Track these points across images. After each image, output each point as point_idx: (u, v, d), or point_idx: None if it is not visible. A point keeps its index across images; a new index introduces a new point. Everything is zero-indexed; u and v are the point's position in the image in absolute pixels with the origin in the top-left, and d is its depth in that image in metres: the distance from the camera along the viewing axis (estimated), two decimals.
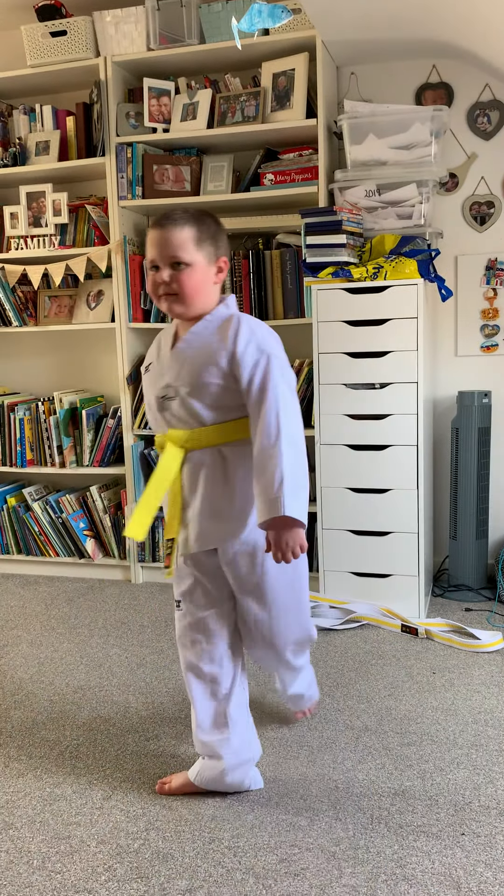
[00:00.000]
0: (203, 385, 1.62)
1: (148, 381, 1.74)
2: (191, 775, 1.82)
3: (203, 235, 1.64)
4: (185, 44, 3.02)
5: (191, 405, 1.64)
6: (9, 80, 3.30)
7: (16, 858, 1.63)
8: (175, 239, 1.61)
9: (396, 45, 2.94)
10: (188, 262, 1.62)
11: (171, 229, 1.62)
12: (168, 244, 1.61)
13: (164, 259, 1.62)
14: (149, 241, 1.66)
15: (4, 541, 3.55)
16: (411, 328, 2.70)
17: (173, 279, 1.62)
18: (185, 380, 1.64)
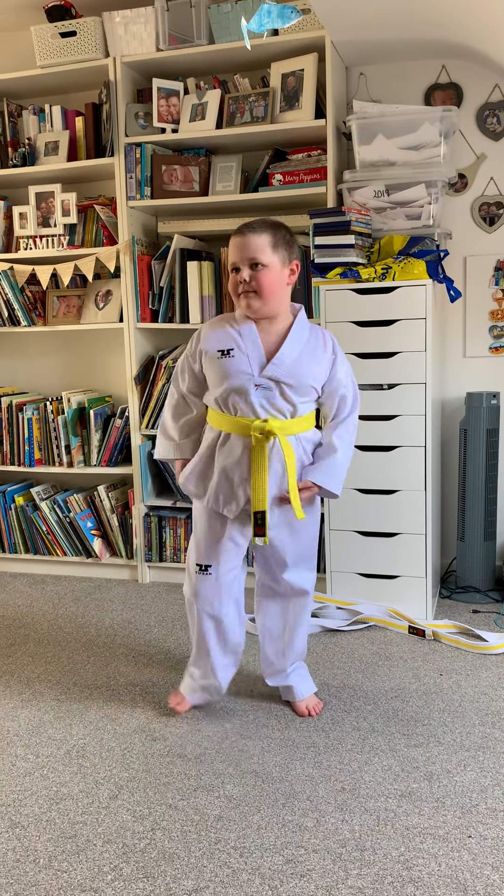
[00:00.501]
0: (306, 384, 1.94)
1: (231, 365, 1.92)
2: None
3: (278, 241, 1.91)
4: (195, 44, 3.02)
5: (291, 398, 1.92)
6: (18, 80, 3.31)
7: (22, 857, 1.63)
8: (254, 243, 1.88)
9: (406, 46, 2.93)
10: (265, 263, 1.88)
11: (250, 235, 1.89)
12: (248, 247, 1.88)
13: (245, 260, 1.88)
14: (231, 247, 1.91)
15: (12, 540, 3.56)
16: (420, 329, 2.70)
17: (252, 278, 1.88)
18: (290, 376, 1.91)
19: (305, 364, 1.93)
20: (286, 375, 1.91)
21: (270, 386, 1.90)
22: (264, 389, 1.90)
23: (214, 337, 1.96)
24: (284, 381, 1.91)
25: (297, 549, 2.09)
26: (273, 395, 1.91)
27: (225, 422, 1.96)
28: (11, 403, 3.48)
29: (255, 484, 1.92)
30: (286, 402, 1.93)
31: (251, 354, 1.91)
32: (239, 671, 2.46)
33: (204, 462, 2.02)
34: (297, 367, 1.92)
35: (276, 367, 1.90)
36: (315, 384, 1.96)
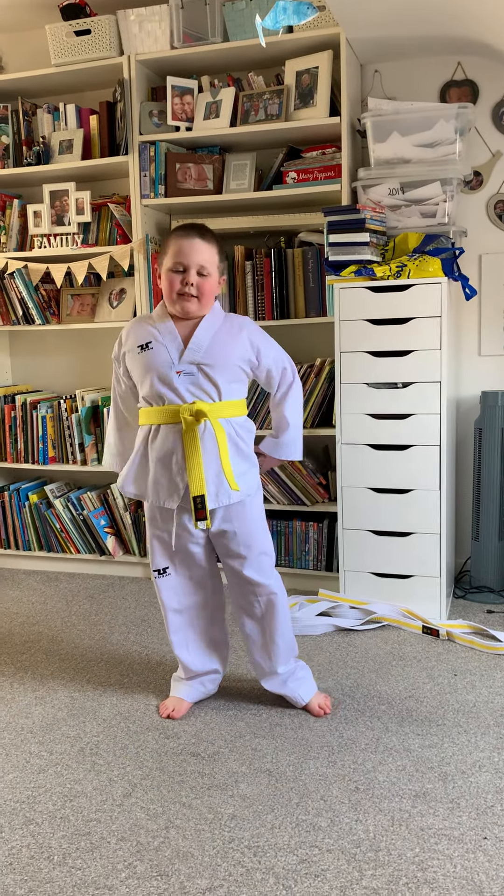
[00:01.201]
0: (227, 364, 2.00)
1: (152, 357, 2.00)
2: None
3: (222, 254, 2.04)
4: (209, 42, 3.02)
5: (214, 379, 1.98)
6: (33, 79, 3.31)
7: (37, 854, 1.64)
8: (206, 251, 1.97)
9: (421, 43, 2.92)
10: (211, 272, 1.98)
11: (202, 242, 1.96)
12: (200, 253, 1.96)
13: (194, 265, 1.95)
14: (178, 246, 1.96)
15: (26, 537, 3.58)
16: (435, 327, 2.68)
17: (197, 284, 1.96)
18: (209, 357, 1.98)
19: (222, 344, 2.01)
20: (205, 357, 1.98)
21: (192, 371, 1.98)
22: (187, 375, 1.98)
23: (133, 336, 2.06)
24: (204, 363, 1.98)
25: (246, 538, 2.08)
26: (197, 379, 1.98)
27: (154, 414, 2.02)
28: (26, 402, 3.49)
29: (191, 468, 1.96)
30: (210, 385, 1.99)
31: (169, 345, 1.99)
32: (251, 669, 2.46)
33: (139, 460, 2.07)
34: (213, 348, 2.00)
35: (194, 351, 1.98)
36: (240, 363, 2.03)
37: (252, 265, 3.10)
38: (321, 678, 2.40)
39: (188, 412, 1.95)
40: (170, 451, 2.00)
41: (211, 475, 1.99)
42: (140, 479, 2.07)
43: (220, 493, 2.01)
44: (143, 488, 2.07)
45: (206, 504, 1.98)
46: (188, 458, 1.96)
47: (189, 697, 2.24)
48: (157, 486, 2.03)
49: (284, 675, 2.20)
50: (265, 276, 3.09)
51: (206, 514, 1.98)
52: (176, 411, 1.97)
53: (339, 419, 2.85)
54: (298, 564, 3.18)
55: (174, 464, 2.00)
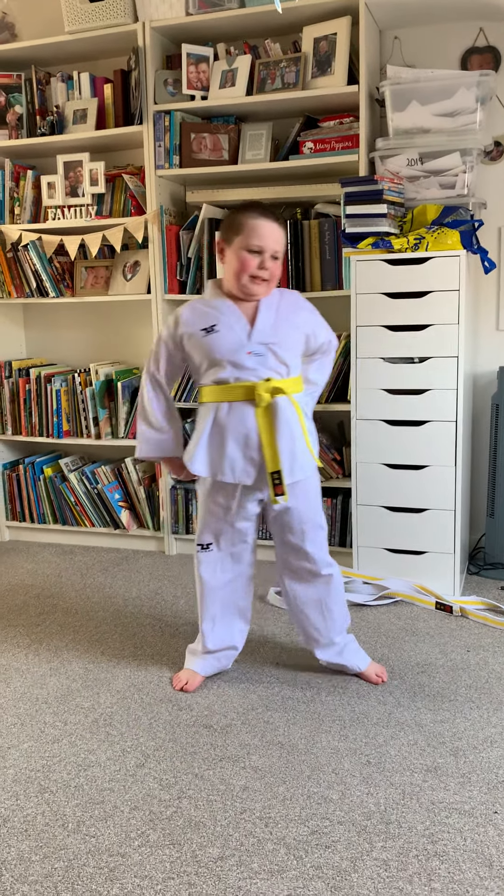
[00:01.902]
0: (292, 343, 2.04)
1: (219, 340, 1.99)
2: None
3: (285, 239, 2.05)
4: (225, 8, 2.96)
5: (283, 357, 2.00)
6: (46, 47, 3.27)
7: (51, 821, 1.66)
8: (279, 235, 1.98)
9: (442, 8, 2.84)
10: (280, 257, 2.00)
11: (276, 225, 1.97)
12: (276, 238, 1.97)
13: (270, 249, 1.96)
14: (257, 229, 1.94)
15: (41, 511, 3.59)
16: (453, 301, 2.65)
17: (271, 267, 1.97)
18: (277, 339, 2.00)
19: (285, 323, 2.03)
20: (272, 335, 1.99)
21: (262, 351, 1.98)
22: (257, 355, 1.98)
23: (194, 318, 2.03)
24: (272, 342, 1.99)
25: (310, 514, 2.12)
26: (266, 359, 1.98)
27: (227, 392, 1.99)
28: (40, 375, 3.49)
29: (268, 443, 1.97)
30: (280, 363, 2.00)
31: (236, 326, 1.98)
32: (265, 642, 2.47)
33: (208, 439, 2.03)
34: (278, 328, 2.01)
35: (261, 331, 1.98)
36: (301, 341, 2.06)
37: None
38: None
39: (264, 389, 1.96)
40: (245, 428, 1.99)
41: (286, 450, 2.00)
42: (211, 455, 2.03)
43: (295, 468, 2.03)
44: (214, 465, 2.03)
45: (283, 479, 1.99)
46: (265, 435, 1.97)
47: (203, 671, 2.25)
48: (231, 463, 2.01)
49: (340, 644, 2.23)
50: None
51: (283, 489, 2.00)
52: (250, 388, 1.97)
53: (355, 394, 2.83)
54: None
55: (249, 440, 1.99)
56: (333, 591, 2.19)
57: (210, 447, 2.03)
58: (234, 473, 2.02)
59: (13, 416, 3.58)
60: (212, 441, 2.02)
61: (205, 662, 2.26)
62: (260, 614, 2.72)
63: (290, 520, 2.10)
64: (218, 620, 2.23)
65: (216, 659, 2.26)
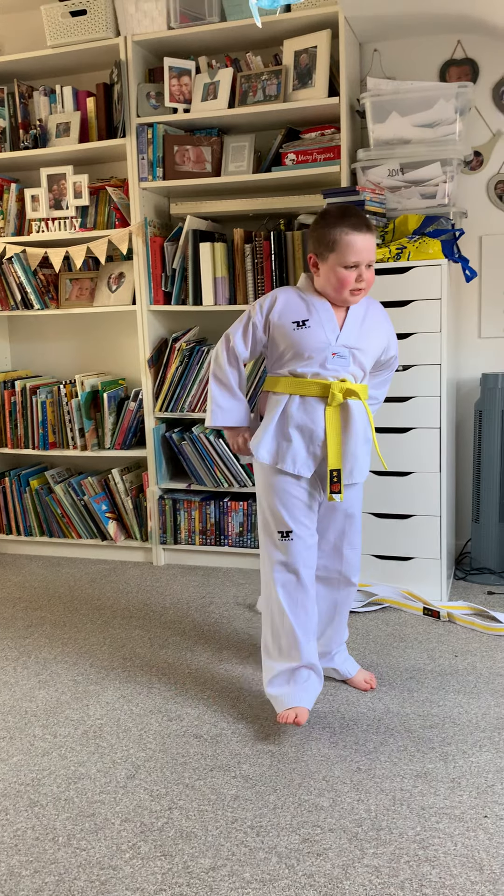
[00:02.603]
0: (372, 351, 2.08)
1: (308, 335, 2.01)
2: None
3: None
4: (206, 22, 2.99)
5: (362, 363, 2.05)
6: (29, 61, 3.28)
7: (41, 835, 1.65)
8: (373, 245, 1.99)
9: (420, 21, 2.88)
10: (373, 263, 2.02)
11: (370, 237, 1.98)
12: (370, 250, 1.98)
13: (366, 261, 1.97)
14: (353, 244, 1.95)
15: (28, 523, 3.58)
16: (435, 309, 2.67)
17: (366, 277, 1.99)
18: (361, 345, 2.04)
19: (371, 331, 2.07)
20: (357, 342, 2.03)
21: (345, 354, 2.01)
22: (340, 357, 2.01)
23: (287, 308, 2.04)
24: (357, 347, 2.02)
25: (354, 520, 2.17)
26: (347, 363, 2.02)
27: (302, 386, 2.01)
28: (25, 387, 3.49)
29: (333, 442, 2.00)
30: (358, 368, 2.05)
31: (327, 326, 2.01)
32: (255, 651, 2.48)
33: (276, 427, 2.04)
34: (364, 334, 2.05)
35: (348, 335, 2.02)
36: (378, 349, 2.11)
37: (251, 248, 3.08)
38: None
39: (339, 389, 1.99)
40: (312, 423, 2.01)
41: (349, 451, 2.04)
42: (276, 444, 2.04)
43: (355, 471, 2.07)
44: (277, 454, 2.04)
45: (341, 478, 2.02)
46: (331, 432, 2.00)
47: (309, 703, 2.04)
48: (294, 454, 2.02)
49: (334, 652, 2.26)
50: (265, 259, 3.07)
51: (340, 487, 2.02)
52: (326, 386, 1.99)
53: None
54: None
55: (315, 436, 2.01)
56: (349, 602, 2.23)
57: (277, 436, 2.05)
58: (296, 465, 2.03)
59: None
60: (279, 430, 2.04)
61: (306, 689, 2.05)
62: (249, 622, 2.73)
63: (339, 520, 2.14)
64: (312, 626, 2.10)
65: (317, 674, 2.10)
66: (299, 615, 2.06)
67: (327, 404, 2.00)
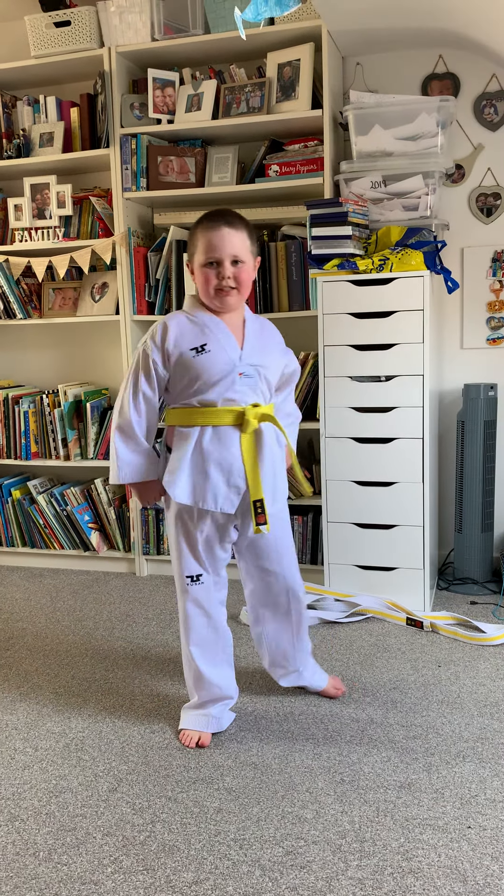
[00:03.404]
0: (274, 368, 2.01)
1: (210, 360, 1.89)
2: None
3: (252, 236, 1.93)
4: (190, 34, 3.00)
5: (269, 381, 1.98)
6: (13, 70, 3.28)
7: (22, 850, 1.63)
8: (236, 239, 1.87)
9: (403, 35, 2.92)
10: (245, 259, 1.89)
11: (230, 230, 1.86)
12: (231, 243, 1.86)
13: (228, 256, 1.87)
14: (207, 239, 1.86)
15: (9, 534, 3.55)
16: (417, 320, 2.69)
17: (234, 275, 1.88)
18: (265, 362, 1.96)
19: (268, 346, 2.00)
20: (261, 359, 1.95)
21: (252, 373, 1.92)
22: (248, 377, 1.92)
23: (182, 335, 1.90)
24: (261, 364, 1.94)
25: (284, 539, 2.08)
26: (255, 381, 1.93)
27: (213, 415, 1.89)
28: (7, 397, 3.47)
29: (253, 472, 1.91)
30: (266, 387, 1.97)
31: (227, 346, 1.91)
32: (235, 665, 2.46)
33: (191, 464, 1.90)
34: (264, 350, 1.98)
35: (251, 353, 1.93)
36: (280, 363, 2.04)
37: None
38: None
39: (253, 415, 1.89)
40: (230, 455, 1.89)
41: (268, 478, 1.94)
42: (192, 482, 1.91)
43: (277, 496, 1.99)
44: (195, 493, 1.91)
45: (265, 508, 1.92)
46: (250, 462, 1.90)
47: (209, 728, 2.05)
48: (213, 491, 1.90)
49: (301, 669, 2.20)
50: None
51: (265, 518, 1.92)
52: (238, 413, 1.89)
53: (323, 412, 2.85)
54: None
55: (234, 467, 1.90)
56: (303, 617, 2.14)
57: (192, 473, 1.91)
58: (217, 502, 1.91)
59: None
60: (194, 467, 1.90)
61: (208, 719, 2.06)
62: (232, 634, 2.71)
63: (267, 546, 2.03)
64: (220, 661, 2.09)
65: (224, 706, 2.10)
66: (207, 655, 2.04)
67: (242, 432, 1.89)
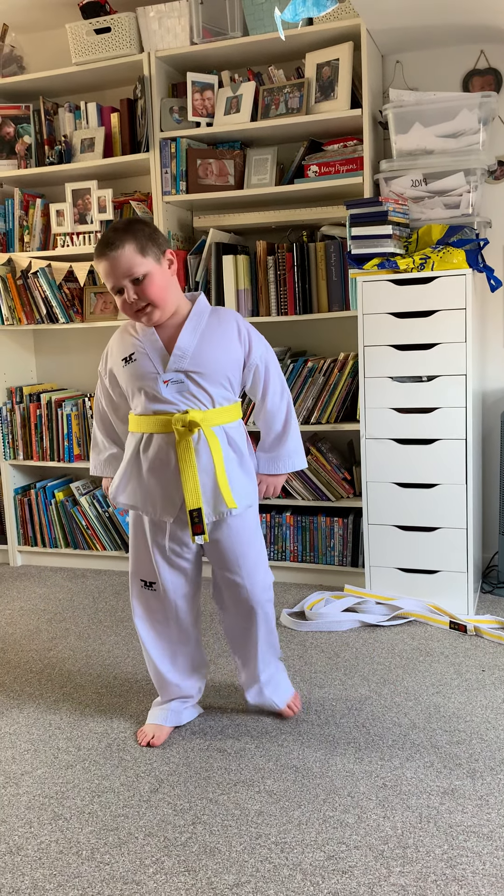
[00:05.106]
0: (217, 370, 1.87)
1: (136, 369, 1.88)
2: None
3: (142, 243, 1.81)
4: (229, 37, 3.01)
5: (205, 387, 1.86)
6: (54, 78, 3.32)
7: (65, 849, 1.65)
8: (122, 260, 1.78)
9: (443, 32, 2.88)
10: (144, 272, 1.80)
11: (112, 254, 1.78)
12: (118, 267, 1.79)
13: (122, 279, 1.80)
14: (101, 272, 1.83)
15: (53, 535, 3.60)
16: (459, 319, 2.65)
17: (140, 294, 1.81)
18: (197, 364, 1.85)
19: (210, 347, 1.87)
20: (192, 364, 1.85)
21: (180, 378, 1.85)
22: (175, 383, 1.85)
23: (116, 348, 1.94)
24: (192, 371, 1.85)
25: (243, 548, 1.99)
26: (186, 387, 1.85)
27: (145, 422, 1.89)
28: (51, 400, 3.51)
29: (186, 480, 1.84)
30: (202, 392, 1.87)
31: (151, 353, 1.86)
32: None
33: (131, 469, 1.93)
34: (201, 353, 1.86)
35: (180, 357, 1.85)
36: (230, 366, 1.90)
37: (274, 260, 3.09)
38: (347, 674, 2.39)
39: (180, 422, 1.83)
40: (164, 462, 1.88)
41: (208, 487, 1.87)
42: (133, 488, 1.94)
43: (218, 504, 1.90)
44: (136, 499, 1.94)
45: (203, 518, 1.87)
46: (183, 471, 1.84)
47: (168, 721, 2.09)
48: (150, 498, 1.91)
49: (262, 681, 2.12)
50: (287, 271, 3.07)
51: (203, 528, 1.87)
52: (168, 421, 1.85)
53: (364, 414, 2.83)
54: (324, 560, 3.17)
55: (169, 475, 1.87)
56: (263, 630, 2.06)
57: (132, 479, 1.93)
58: (155, 510, 1.91)
59: (24, 441, 3.60)
60: (133, 472, 1.93)
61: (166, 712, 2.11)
62: None
63: (224, 554, 1.98)
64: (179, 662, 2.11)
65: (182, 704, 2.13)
66: (164, 656, 2.07)
67: (176, 441, 1.84)
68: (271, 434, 2.04)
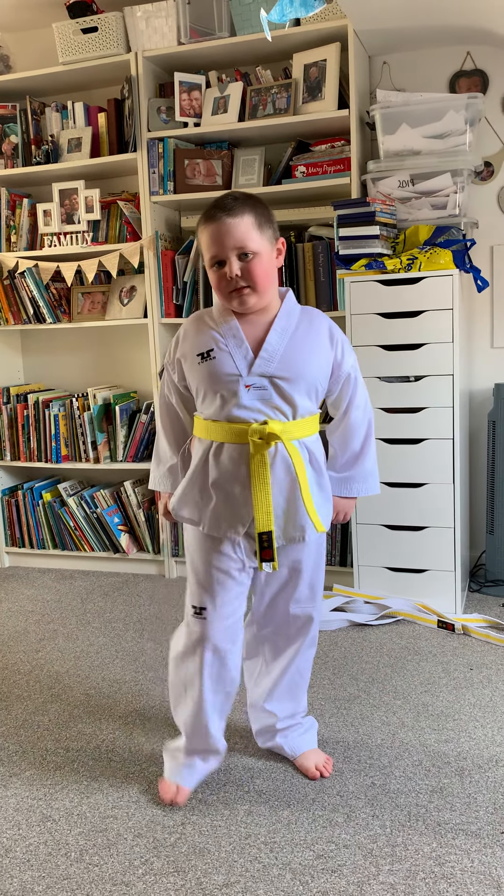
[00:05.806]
0: (306, 377, 1.65)
1: (214, 368, 1.63)
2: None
3: (262, 219, 1.60)
4: (216, 37, 3.01)
5: (290, 396, 1.63)
6: (41, 77, 3.31)
7: (54, 850, 1.64)
8: (238, 229, 1.56)
9: (430, 33, 2.89)
10: (255, 250, 1.58)
11: (230, 219, 1.56)
12: (232, 235, 1.56)
13: (231, 250, 1.57)
14: (207, 236, 1.59)
15: (40, 536, 3.59)
16: (446, 320, 2.67)
17: (244, 271, 1.58)
18: (285, 369, 1.62)
19: (301, 350, 1.64)
20: (279, 369, 1.62)
21: (264, 384, 1.62)
22: (257, 389, 1.61)
23: (191, 340, 1.68)
24: (279, 376, 1.62)
25: (312, 576, 1.79)
26: (269, 395, 1.62)
27: (217, 430, 1.65)
28: (38, 400, 3.50)
29: (258, 499, 1.61)
30: (285, 402, 1.63)
31: (235, 353, 1.62)
32: None
33: (197, 480, 1.70)
34: (291, 358, 1.63)
35: (267, 361, 1.61)
36: (320, 374, 1.68)
37: None
38: (336, 673, 2.39)
39: (258, 434, 1.59)
40: (233, 476, 1.64)
41: (280, 508, 1.66)
42: (197, 502, 1.70)
43: (290, 528, 1.69)
44: (198, 514, 1.70)
45: (273, 542, 1.64)
46: (255, 488, 1.61)
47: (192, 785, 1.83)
48: (215, 514, 1.67)
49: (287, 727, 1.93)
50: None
51: (273, 554, 1.64)
52: (243, 430, 1.61)
53: None
54: None
55: (238, 491, 1.64)
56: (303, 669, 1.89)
57: (197, 490, 1.70)
58: (220, 527, 1.68)
59: (11, 441, 3.59)
60: (200, 483, 1.69)
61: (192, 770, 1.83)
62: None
63: (289, 580, 1.78)
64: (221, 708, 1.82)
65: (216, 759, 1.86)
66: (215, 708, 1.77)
67: (250, 454, 1.61)
68: (347, 452, 1.81)
